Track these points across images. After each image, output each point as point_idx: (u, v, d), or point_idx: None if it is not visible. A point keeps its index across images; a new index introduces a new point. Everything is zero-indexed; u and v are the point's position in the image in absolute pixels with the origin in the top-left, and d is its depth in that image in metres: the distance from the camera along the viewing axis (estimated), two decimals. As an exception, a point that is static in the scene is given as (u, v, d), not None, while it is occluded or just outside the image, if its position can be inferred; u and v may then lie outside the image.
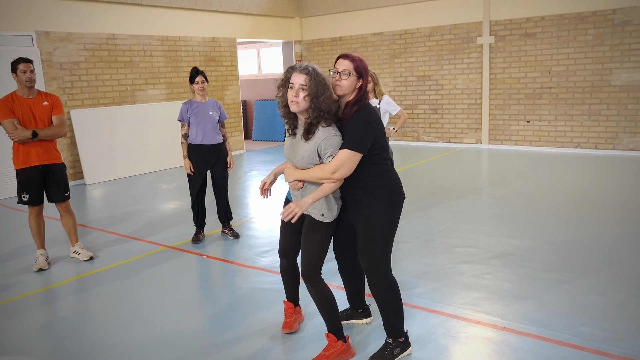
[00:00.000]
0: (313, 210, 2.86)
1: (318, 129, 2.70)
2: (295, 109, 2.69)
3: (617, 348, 2.98)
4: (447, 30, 10.82)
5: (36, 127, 4.49)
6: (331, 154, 2.68)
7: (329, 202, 2.83)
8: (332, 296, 2.95)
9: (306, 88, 2.65)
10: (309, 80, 2.65)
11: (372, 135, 2.69)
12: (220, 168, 5.25)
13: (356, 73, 2.71)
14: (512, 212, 5.89)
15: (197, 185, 5.21)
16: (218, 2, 10.72)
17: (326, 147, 2.68)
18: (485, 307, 3.58)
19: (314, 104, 2.66)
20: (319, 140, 2.69)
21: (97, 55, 8.96)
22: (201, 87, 5.12)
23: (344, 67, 2.71)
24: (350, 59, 2.72)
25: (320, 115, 2.67)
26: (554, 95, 9.81)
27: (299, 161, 2.79)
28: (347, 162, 2.64)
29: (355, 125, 2.68)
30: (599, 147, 9.49)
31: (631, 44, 8.92)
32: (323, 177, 2.68)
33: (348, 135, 2.67)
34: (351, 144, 2.64)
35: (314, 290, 2.91)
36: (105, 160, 8.97)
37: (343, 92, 2.72)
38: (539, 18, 9.71)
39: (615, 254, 4.48)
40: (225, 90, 11.24)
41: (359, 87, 2.74)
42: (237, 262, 4.73)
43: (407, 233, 5.21)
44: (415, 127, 11.60)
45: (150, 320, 3.62)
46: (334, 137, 2.69)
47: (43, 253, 4.80)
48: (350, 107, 2.74)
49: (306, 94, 2.65)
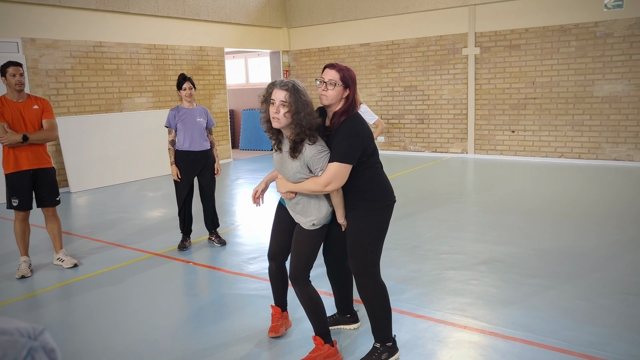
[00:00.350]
0: (303, 219, 2.87)
1: (304, 147, 2.69)
2: (277, 125, 2.68)
3: (602, 352, 3.01)
4: (433, 42, 10.95)
5: (26, 131, 4.45)
6: (321, 169, 2.70)
7: (320, 209, 2.84)
8: (319, 299, 2.95)
9: (286, 104, 2.63)
10: (289, 97, 2.63)
11: (360, 145, 2.70)
12: (207, 175, 5.23)
13: (342, 83, 2.70)
14: (498, 219, 5.94)
15: (184, 192, 5.18)
16: (206, 11, 10.75)
17: (315, 163, 2.70)
18: (472, 312, 3.59)
19: (295, 120, 2.64)
20: (307, 159, 2.69)
21: (83, 63, 8.91)
22: (188, 93, 5.11)
23: (330, 77, 2.70)
24: (337, 69, 2.71)
25: (303, 132, 2.65)
26: (538, 106, 9.95)
27: (290, 177, 2.80)
28: (337, 174, 2.65)
29: (343, 137, 2.67)
30: (583, 157, 9.63)
31: (612, 56, 9.10)
32: (316, 190, 2.70)
33: (336, 147, 2.67)
34: (340, 157, 2.65)
35: (301, 293, 2.91)
36: (90, 168, 8.88)
37: (329, 102, 2.72)
38: (523, 30, 9.88)
39: (600, 260, 4.53)
40: (212, 99, 11.22)
41: (347, 97, 2.74)
42: (223, 269, 4.70)
43: (394, 240, 5.22)
44: (402, 137, 11.68)
45: (135, 327, 3.58)
46: (321, 153, 2.69)
47: (26, 260, 4.72)
48: (338, 117, 2.74)
49: (286, 110, 2.63)
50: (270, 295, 4.02)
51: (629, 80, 9.01)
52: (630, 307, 3.57)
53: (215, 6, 10.90)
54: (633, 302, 3.65)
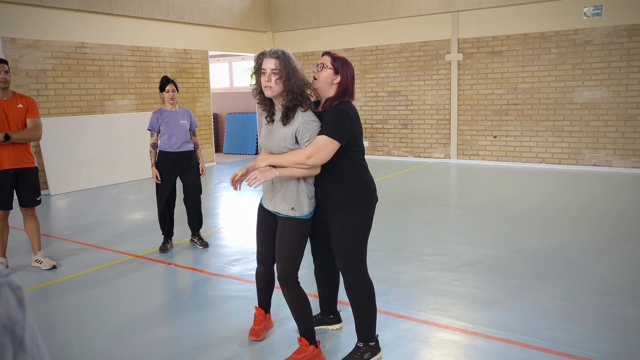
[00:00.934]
0: (281, 204, 2.81)
1: (297, 113, 2.71)
2: (270, 93, 2.71)
3: (581, 350, 3.04)
4: (417, 47, 11.05)
5: (9, 130, 4.37)
6: (308, 140, 2.69)
7: (299, 195, 2.78)
8: (307, 301, 2.93)
9: (277, 72, 2.67)
10: (279, 64, 2.67)
11: (350, 127, 2.71)
12: (191, 175, 5.19)
13: (332, 67, 2.75)
14: (480, 222, 5.99)
15: (165, 194, 5.13)
16: (190, 14, 10.70)
17: (304, 131, 2.69)
18: (454, 313, 3.61)
19: (287, 87, 2.68)
20: (298, 124, 2.69)
21: (65, 64, 8.80)
22: (171, 95, 5.07)
23: (322, 61, 2.79)
24: (331, 55, 2.80)
25: (295, 97, 2.69)
26: (519, 112, 10.08)
27: (274, 145, 2.77)
28: (323, 148, 2.64)
29: (333, 115, 2.71)
30: (563, 163, 9.77)
31: (592, 63, 9.27)
32: (297, 161, 2.67)
33: (326, 123, 2.70)
34: (329, 131, 2.66)
35: (289, 295, 2.88)
36: (71, 171, 8.76)
37: (319, 85, 2.76)
38: (505, 37, 10.02)
39: (579, 261, 4.59)
40: (196, 102, 11.17)
41: (339, 84, 2.77)
42: (206, 270, 4.66)
43: (378, 242, 5.23)
44: (385, 142, 11.74)
45: (115, 329, 3.52)
46: (312, 122, 2.71)
47: (3, 261, 4.63)
48: (330, 102, 2.77)
49: (277, 77, 2.67)
50: (252, 297, 4.00)
51: (607, 87, 9.19)
52: (608, 307, 3.62)
53: (199, 9, 10.86)
54: (611, 302, 3.70)
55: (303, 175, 2.73)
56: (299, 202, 2.79)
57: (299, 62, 2.77)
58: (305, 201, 2.80)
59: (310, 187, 2.84)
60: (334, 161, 2.75)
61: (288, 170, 2.69)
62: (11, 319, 0.48)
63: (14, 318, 0.48)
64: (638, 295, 3.82)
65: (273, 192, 2.86)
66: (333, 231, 2.86)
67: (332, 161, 2.75)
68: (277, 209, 2.85)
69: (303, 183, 2.79)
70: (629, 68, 8.98)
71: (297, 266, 2.88)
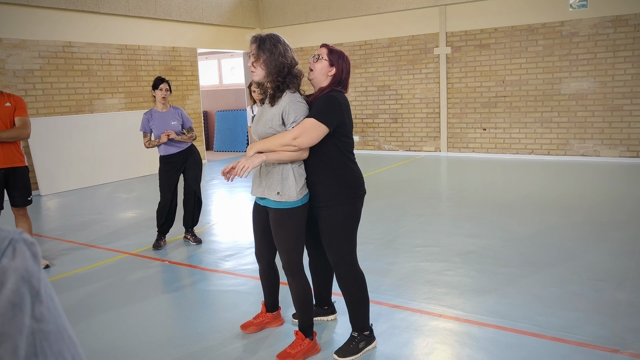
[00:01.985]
0: (267, 190, 2.81)
1: (285, 94, 2.74)
2: (255, 78, 2.78)
3: (572, 334, 3.10)
4: (406, 41, 11.09)
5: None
6: (294, 120, 2.70)
7: (284, 179, 2.76)
8: (310, 292, 2.96)
9: (254, 55, 2.73)
10: (255, 48, 2.73)
11: (339, 113, 2.72)
12: (191, 172, 5.17)
13: (328, 59, 2.78)
14: (471, 213, 6.05)
15: (169, 194, 5.08)
16: (178, 11, 10.66)
17: (290, 111, 2.70)
18: (447, 302, 3.65)
19: (268, 69, 2.72)
20: (285, 104, 2.72)
21: (52, 63, 8.74)
22: (164, 94, 5.04)
23: (319, 52, 2.83)
24: (328, 48, 2.84)
25: (274, 79, 2.71)
26: (508, 104, 10.16)
27: (261, 126, 2.79)
28: (310, 130, 2.65)
29: (323, 100, 2.74)
30: (552, 153, 9.87)
31: (578, 54, 9.36)
32: (284, 142, 2.67)
33: (315, 107, 2.73)
34: (316, 114, 2.68)
35: (294, 284, 2.90)
36: (61, 171, 8.71)
37: (314, 76, 2.80)
38: (493, 30, 10.09)
39: (569, 249, 4.65)
40: (185, 100, 11.13)
41: (333, 75, 2.80)
42: (200, 266, 4.67)
43: (370, 235, 5.27)
44: (376, 137, 11.78)
45: (110, 325, 3.53)
46: (299, 103, 2.74)
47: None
48: (321, 91, 2.80)
49: (254, 60, 2.73)
50: (248, 291, 4.04)
51: (594, 77, 9.28)
52: (598, 292, 3.69)
53: (187, 6, 10.82)
54: (601, 287, 3.76)
55: (291, 159, 2.71)
56: (285, 187, 2.75)
57: (289, 45, 2.79)
58: (292, 186, 2.74)
59: (298, 171, 2.78)
60: (323, 152, 2.77)
61: (275, 154, 2.69)
62: (28, 270, 0.52)
63: (30, 270, 0.52)
64: (626, 280, 3.89)
65: (259, 177, 2.87)
66: (321, 224, 2.87)
67: (321, 152, 2.77)
68: (265, 195, 2.82)
69: (289, 166, 2.75)
70: (614, 59, 9.08)
71: (299, 256, 2.88)
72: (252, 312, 3.58)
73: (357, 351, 2.95)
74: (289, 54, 2.77)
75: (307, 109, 2.75)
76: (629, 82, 9.03)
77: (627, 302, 3.51)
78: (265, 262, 3.14)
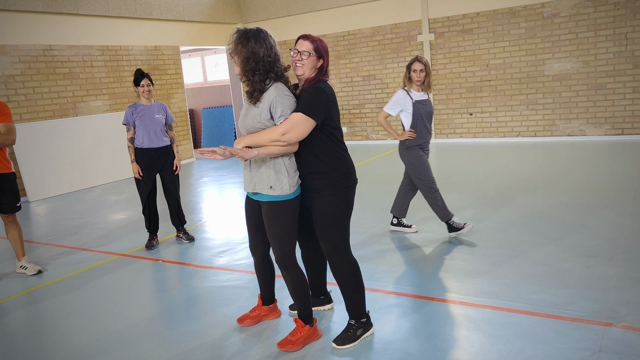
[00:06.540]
0: (259, 184, 2.81)
1: (270, 87, 2.72)
2: (240, 77, 2.77)
3: (565, 310, 3.14)
4: (389, 30, 11.08)
5: None
6: (282, 114, 2.70)
7: (276, 172, 2.76)
8: (306, 282, 2.97)
9: (233, 52, 2.72)
10: (234, 46, 2.72)
11: (326, 104, 2.72)
12: (168, 171, 5.17)
13: (316, 54, 2.77)
14: (461, 197, 6.09)
15: (146, 190, 5.10)
16: (159, 9, 10.56)
17: (277, 105, 2.69)
18: (442, 285, 3.69)
19: (244, 64, 2.70)
20: (272, 97, 2.70)
21: (33, 68, 8.64)
22: (147, 89, 5.03)
23: (304, 48, 2.77)
24: (310, 40, 2.79)
25: (256, 67, 2.68)
26: (493, 88, 10.21)
27: (249, 121, 2.77)
28: (298, 125, 2.65)
29: (310, 93, 2.73)
30: (538, 135, 9.95)
31: (560, 35, 9.42)
32: (273, 138, 2.67)
33: (302, 101, 2.72)
34: (304, 108, 2.67)
35: (289, 276, 2.92)
36: (49, 176, 8.63)
37: (303, 72, 2.78)
38: (474, 14, 10.11)
39: (559, 228, 4.71)
40: (171, 99, 11.06)
41: (320, 67, 2.81)
42: (194, 264, 4.67)
43: (362, 224, 5.29)
44: (363, 127, 11.79)
45: (107, 327, 3.52)
46: (286, 96, 2.72)
47: (-13, 270, 4.57)
48: (308, 83, 2.80)
49: (233, 58, 2.74)
50: (243, 285, 4.04)
51: (577, 57, 9.35)
52: (589, 268, 3.74)
53: (167, 4, 10.72)
54: (591, 264, 3.81)
55: (281, 153, 2.72)
56: (278, 180, 2.76)
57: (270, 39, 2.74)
58: (284, 179, 2.76)
59: (290, 163, 2.79)
60: (315, 143, 2.78)
61: (266, 149, 2.69)
62: None
63: None
64: (616, 255, 3.94)
65: (250, 172, 2.86)
66: (314, 213, 2.88)
67: (313, 143, 2.77)
68: (257, 189, 2.82)
69: (280, 159, 2.76)
70: (596, 38, 9.15)
71: (292, 249, 2.90)
72: (249, 306, 3.59)
73: (355, 339, 2.97)
74: (268, 49, 2.73)
75: (294, 102, 2.75)
76: (611, 61, 9.11)
77: (618, 276, 3.57)
78: (259, 255, 3.14)
